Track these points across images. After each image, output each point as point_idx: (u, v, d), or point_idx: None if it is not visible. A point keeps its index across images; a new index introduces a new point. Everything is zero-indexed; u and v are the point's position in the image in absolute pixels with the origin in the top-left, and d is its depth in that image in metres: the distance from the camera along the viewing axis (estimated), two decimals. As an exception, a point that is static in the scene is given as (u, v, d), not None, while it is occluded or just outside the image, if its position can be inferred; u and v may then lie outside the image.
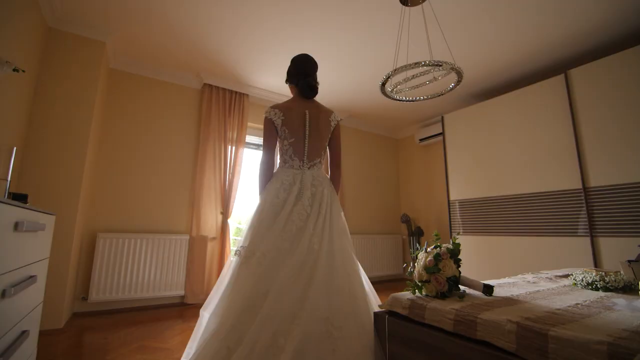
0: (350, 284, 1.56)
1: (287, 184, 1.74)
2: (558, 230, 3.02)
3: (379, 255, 4.96)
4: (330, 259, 1.58)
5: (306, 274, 1.49)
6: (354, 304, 1.49)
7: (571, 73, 3.06)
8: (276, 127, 1.80)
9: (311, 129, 1.81)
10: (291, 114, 1.80)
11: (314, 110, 1.85)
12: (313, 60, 1.93)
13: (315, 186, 1.76)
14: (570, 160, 2.99)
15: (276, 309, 1.36)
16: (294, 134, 1.79)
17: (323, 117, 1.85)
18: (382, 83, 2.25)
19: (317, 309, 1.38)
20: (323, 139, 1.85)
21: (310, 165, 1.82)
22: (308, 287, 1.45)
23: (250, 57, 3.44)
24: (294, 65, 1.92)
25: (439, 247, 1.31)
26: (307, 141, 1.80)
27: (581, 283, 1.49)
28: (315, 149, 1.82)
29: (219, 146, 3.78)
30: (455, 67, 1.98)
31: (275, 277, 1.47)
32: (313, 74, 1.91)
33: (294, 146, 1.79)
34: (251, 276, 1.50)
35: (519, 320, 0.92)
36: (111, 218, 3.27)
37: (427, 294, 1.29)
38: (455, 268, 1.25)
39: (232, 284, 1.54)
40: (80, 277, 3.06)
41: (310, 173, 1.80)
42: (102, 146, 3.32)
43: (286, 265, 1.50)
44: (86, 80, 2.89)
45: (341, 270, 1.57)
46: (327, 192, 1.79)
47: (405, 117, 5.08)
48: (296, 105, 1.85)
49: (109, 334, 2.52)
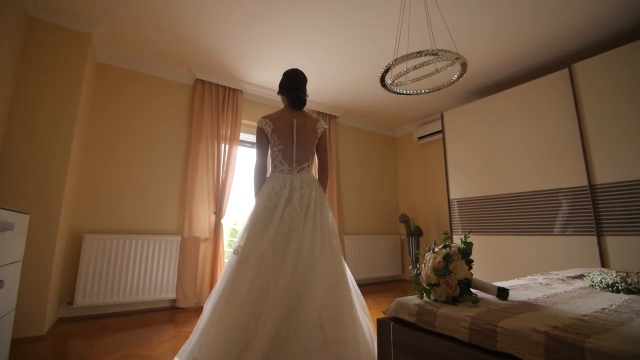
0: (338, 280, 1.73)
1: (278, 188, 1.88)
2: (563, 229, 2.92)
3: (377, 255, 4.84)
4: (320, 256, 1.73)
5: (300, 271, 1.64)
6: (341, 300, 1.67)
7: (576, 67, 2.96)
8: (267, 135, 1.97)
9: (298, 135, 1.97)
10: (280, 123, 1.97)
11: (301, 119, 2.00)
12: (303, 75, 2.09)
13: (303, 188, 1.90)
14: (575, 156, 2.89)
15: (276, 304, 1.51)
16: (282, 141, 1.95)
17: (310, 125, 2.01)
18: (381, 75, 2.13)
19: (313, 302, 1.56)
20: (310, 145, 2.01)
21: (299, 169, 1.96)
22: (303, 283, 1.61)
23: (245, 52, 3.31)
24: (286, 79, 2.07)
25: (448, 247, 1.19)
26: (295, 147, 1.96)
27: (600, 285, 1.38)
28: (303, 154, 1.98)
29: (212, 144, 3.64)
30: (459, 56, 1.87)
31: (274, 275, 1.62)
32: (302, 87, 2.05)
33: (283, 152, 1.95)
34: (252, 274, 1.64)
35: (546, 330, 0.80)
36: (98, 218, 3.13)
37: (436, 299, 1.17)
38: (468, 270, 1.13)
39: (232, 280, 1.68)
40: (66, 281, 2.91)
41: (299, 177, 1.94)
42: (89, 143, 3.17)
43: (282, 263, 1.65)
44: (71, 74, 2.74)
45: (330, 267, 1.73)
46: (315, 194, 1.92)
47: (403, 115, 4.97)
48: (285, 114, 2.01)
49: (94, 340, 2.38)
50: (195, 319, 2.96)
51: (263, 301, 1.55)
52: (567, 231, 2.89)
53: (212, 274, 3.43)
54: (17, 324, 1.98)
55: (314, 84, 3.96)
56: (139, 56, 3.41)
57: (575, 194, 2.88)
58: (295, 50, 3.27)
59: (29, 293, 2.38)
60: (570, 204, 2.90)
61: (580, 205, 2.84)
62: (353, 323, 1.64)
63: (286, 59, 3.42)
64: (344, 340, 1.53)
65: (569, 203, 2.91)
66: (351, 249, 4.57)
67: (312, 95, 4.27)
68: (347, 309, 1.66)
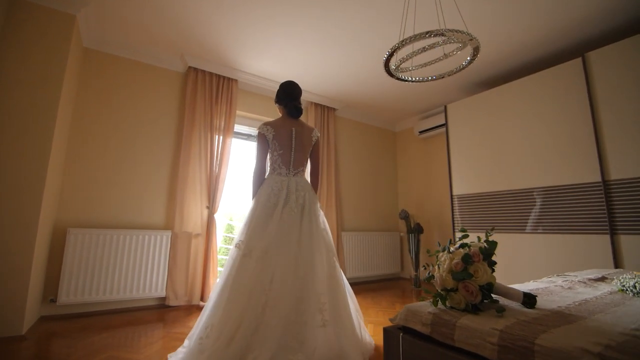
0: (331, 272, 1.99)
1: (277, 189, 2.08)
2: (574, 227, 2.78)
3: (375, 253, 4.69)
4: (317, 251, 1.97)
5: (302, 264, 1.89)
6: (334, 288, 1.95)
7: (590, 56, 2.81)
8: (267, 141, 2.15)
9: (296, 143, 2.18)
10: (281, 131, 2.16)
11: (299, 128, 2.22)
12: (298, 87, 2.30)
13: (299, 190, 2.12)
14: (589, 151, 2.75)
15: (284, 293, 1.77)
16: (282, 147, 2.15)
17: (306, 134, 2.24)
18: (386, 59, 1.97)
19: (313, 291, 1.83)
20: (306, 152, 2.24)
21: (295, 172, 2.18)
22: (305, 274, 1.87)
23: (240, 38, 3.13)
24: (283, 90, 2.27)
25: (467, 246, 1.03)
26: (293, 153, 2.17)
27: (633, 290, 1.24)
28: (299, 160, 2.19)
29: (205, 135, 3.46)
30: (472, 37, 1.71)
31: (279, 267, 1.85)
32: (298, 98, 2.27)
33: (282, 157, 2.15)
34: (255, 266, 1.86)
35: (600, 351, 0.66)
36: (84, 211, 2.95)
37: (453, 306, 1.02)
38: (491, 273, 0.98)
39: (236, 271, 1.87)
40: (49, 277, 2.75)
41: (295, 180, 2.15)
42: (75, 132, 3.00)
43: (285, 257, 1.88)
44: (53, 58, 2.55)
45: (324, 260, 1.98)
46: (308, 195, 2.14)
47: (404, 107, 4.80)
48: (285, 123, 2.21)
49: (76, 341, 2.22)
50: (187, 318, 2.81)
51: (268, 291, 1.78)
52: (579, 229, 2.74)
53: (204, 271, 3.27)
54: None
55: (313, 74, 3.79)
56: (128, 42, 3.22)
57: (587, 190, 2.73)
58: (293, 38, 3.09)
59: (5, 291, 2.22)
60: (582, 201, 2.75)
61: (592, 202, 2.70)
62: (345, 308, 1.93)
63: (284, 48, 3.25)
64: (337, 321, 1.83)
65: (580, 200, 2.76)
66: (349, 246, 4.43)
67: (310, 86, 4.10)
68: (340, 297, 1.94)
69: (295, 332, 1.70)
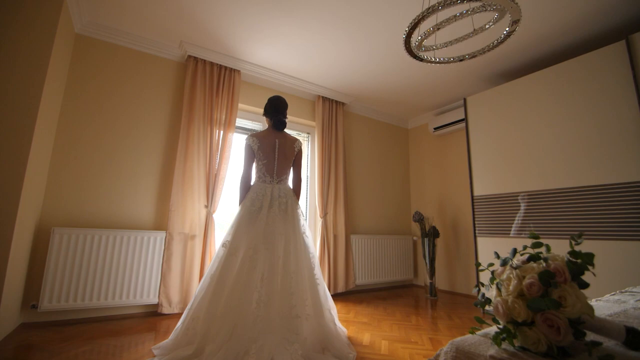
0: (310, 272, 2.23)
1: (261, 195, 2.27)
2: (617, 232, 2.44)
3: (387, 258, 4.38)
4: (300, 251, 2.22)
5: (289, 263, 2.10)
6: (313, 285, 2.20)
7: (634, 38, 2.48)
8: (253, 151, 2.35)
9: (279, 153, 2.38)
10: (265, 141, 2.36)
11: (282, 139, 2.42)
12: (284, 101, 2.52)
13: (281, 197, 2.31)
14: (634, 145, 2.41)
15: (277, 290, 1.98)
16: (266, 157, 2.35)
17: (289, 145, 2.43)
18: (407, 31, 1.68)
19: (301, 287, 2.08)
20: (288, 161, 2.44)
21: (279, 180, 2.37)
22: (294, 270, 2.10)
23: (244, 26, 2.87)
24: (270, 104, 2.48)
25: (544, 260, 0.71)
26: (277, 162, 2.36)
27: None
28: (282, 168, 2.39)
29: (204, 129, 3.20)
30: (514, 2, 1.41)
31: (267, 266, 2.03)
32: (284, 112, 2.49)
33: (267, 166, 2.35)
34: (240, 263, 2.03)
35: None
36: (70, 209, 2.72)
37: (526, 347, 0.70)
38: (586, 301, 0.66)
39: (221, 268, 2.04)
40: (31, 281, 2.51)
41: (278, 187, 2.35)
42: (63, 126, 2.76)
43: (272, 256, 2.07)
44: (37, 44, 2.31)
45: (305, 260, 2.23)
46: (291, 201, 2.35)
47: (418, 102, 4.49)
48: (269, 135, 2.41)
49: (55, 354, 1.98)
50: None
51: (260, 287, 1.94)
52: (623, 235, 2.40)
53: (202, 276, 3.00)
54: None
55: (321, 65, 3.51)
56: (123, 28, 2.98)
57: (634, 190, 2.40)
58: (301, 24, 2.82)
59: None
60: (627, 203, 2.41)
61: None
62: (323, 305, 2.19)
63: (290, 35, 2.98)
64: (317, 314, 2.11)
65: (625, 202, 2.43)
66: (358, 250, 4.13)
67: (317, 78, 3.83)
68: (319, 294, 2.19)
69: (290, 325, 1.90)
